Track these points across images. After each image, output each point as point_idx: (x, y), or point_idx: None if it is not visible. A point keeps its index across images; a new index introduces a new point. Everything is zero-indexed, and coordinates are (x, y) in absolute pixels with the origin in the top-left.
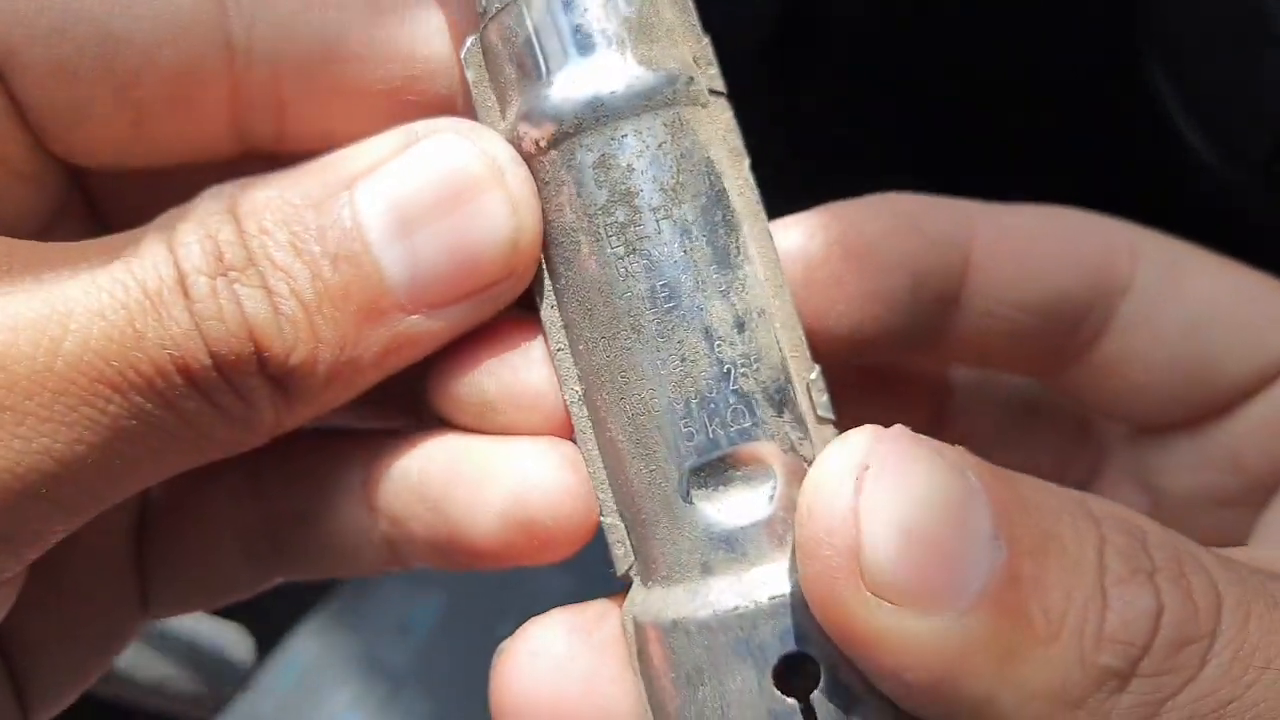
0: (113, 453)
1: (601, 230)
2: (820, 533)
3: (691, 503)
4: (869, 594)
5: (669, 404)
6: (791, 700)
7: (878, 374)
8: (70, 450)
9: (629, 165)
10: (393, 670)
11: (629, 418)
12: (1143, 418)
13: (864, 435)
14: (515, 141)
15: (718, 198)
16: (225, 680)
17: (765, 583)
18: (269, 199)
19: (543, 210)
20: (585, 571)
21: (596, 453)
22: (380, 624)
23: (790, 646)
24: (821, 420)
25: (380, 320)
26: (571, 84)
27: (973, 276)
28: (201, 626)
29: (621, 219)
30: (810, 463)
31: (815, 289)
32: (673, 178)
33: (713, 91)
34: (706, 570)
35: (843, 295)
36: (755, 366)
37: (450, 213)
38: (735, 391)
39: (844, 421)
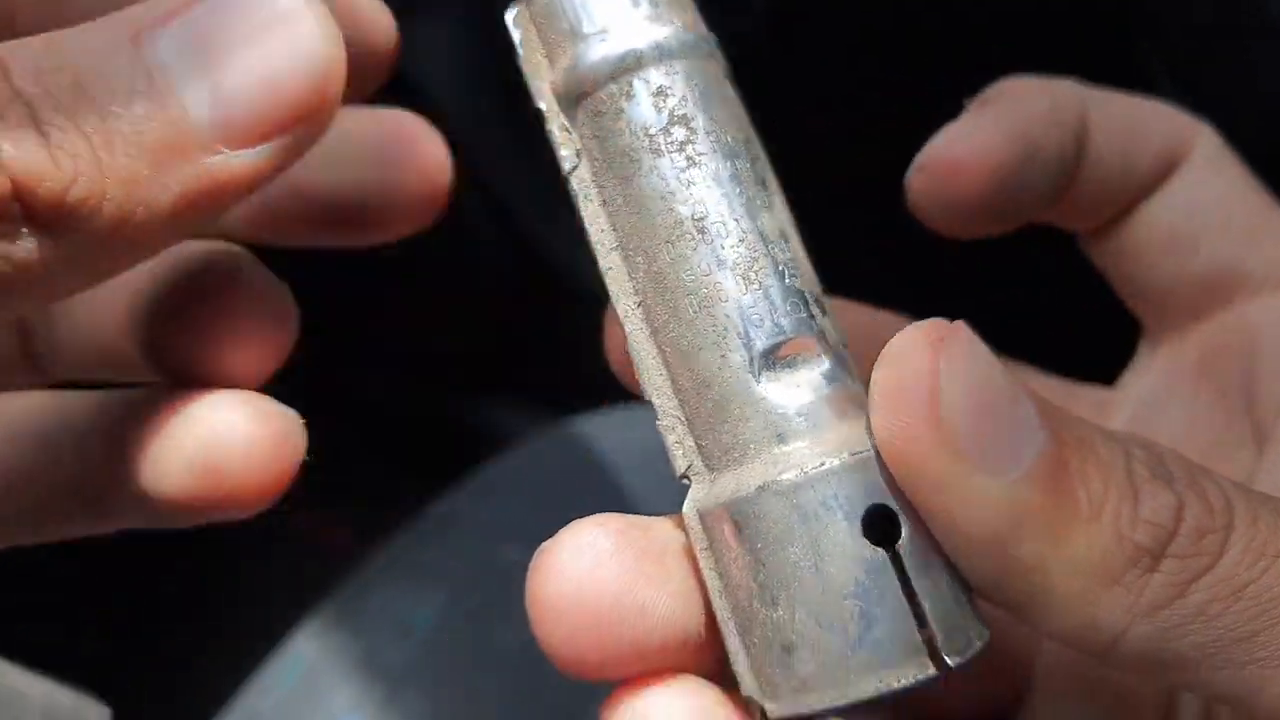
0: None
1: (663, 146)
2: (907, 378)
3: (762, 381)
4: (942, 441)
5: (738, 294)
6: (881, 550)
7: None
8: None
9: (683, 95)
10: (393, 670)
11: (698, 308)
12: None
13: (934, 320)
14: (572, 80)
15: (752, 137)
16: None
17: (844, 444)
18: (45, 42)
19: (598, 137)
20: None
21: (653, 360)
22: (380, 624)
23: (875, 498)
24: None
25: (180, 156)
26: (628, 33)
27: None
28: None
29: (680, 138)
30: (850, 360)
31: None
32: (720, 110)
33: None
34: (782, 440)
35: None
36: (799, 272)
37: (259, 43)
38: (790, 288)
39: None
